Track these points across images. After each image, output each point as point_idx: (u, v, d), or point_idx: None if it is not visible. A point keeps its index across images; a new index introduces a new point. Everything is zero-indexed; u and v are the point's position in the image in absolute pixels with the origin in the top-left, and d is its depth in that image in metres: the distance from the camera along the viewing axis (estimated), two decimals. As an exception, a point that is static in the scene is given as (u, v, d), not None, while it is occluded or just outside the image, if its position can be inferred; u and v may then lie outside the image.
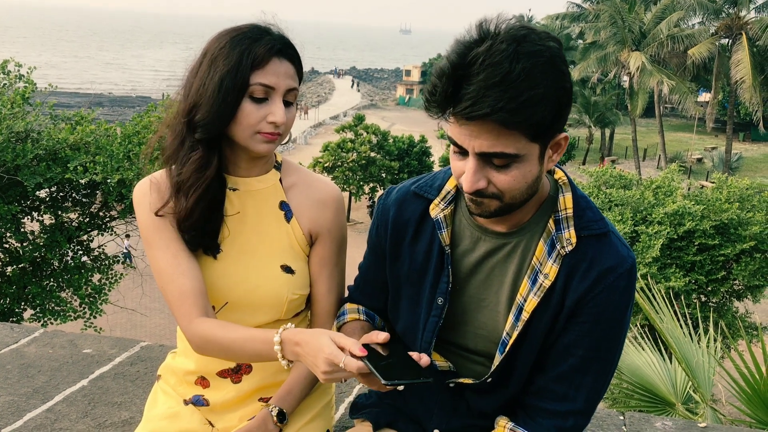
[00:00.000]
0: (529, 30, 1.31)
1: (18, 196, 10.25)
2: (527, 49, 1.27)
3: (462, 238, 1.58)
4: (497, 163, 1.35)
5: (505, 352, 1.52)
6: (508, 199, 1.40)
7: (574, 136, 42.66)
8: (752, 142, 52.45)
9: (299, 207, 1.80)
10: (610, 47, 37.45)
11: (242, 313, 1.75)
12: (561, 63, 1.32)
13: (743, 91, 34.22)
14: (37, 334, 2.97)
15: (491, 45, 1.27)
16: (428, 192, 1.62)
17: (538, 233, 1.52)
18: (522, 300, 1.50)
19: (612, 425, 2.41)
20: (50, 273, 11.21)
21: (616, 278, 1.46)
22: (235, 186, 1.76)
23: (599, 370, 1.52)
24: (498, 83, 1.25)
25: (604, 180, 15.59)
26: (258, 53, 1.59)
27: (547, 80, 1.28)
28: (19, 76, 11.02)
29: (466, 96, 1.27)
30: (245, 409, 1.82)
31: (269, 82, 1.60)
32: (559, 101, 1.31)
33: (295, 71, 1.66)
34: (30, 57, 15.41)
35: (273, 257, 1.76)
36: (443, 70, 1.30)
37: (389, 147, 32.04)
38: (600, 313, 1.47)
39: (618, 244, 1.49)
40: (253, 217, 1.77)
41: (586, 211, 1.50)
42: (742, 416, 3.45)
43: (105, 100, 58.29)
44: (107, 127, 10.72)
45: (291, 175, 1.84)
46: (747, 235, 13.50)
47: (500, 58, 1.25)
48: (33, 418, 2.31)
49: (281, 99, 1.63)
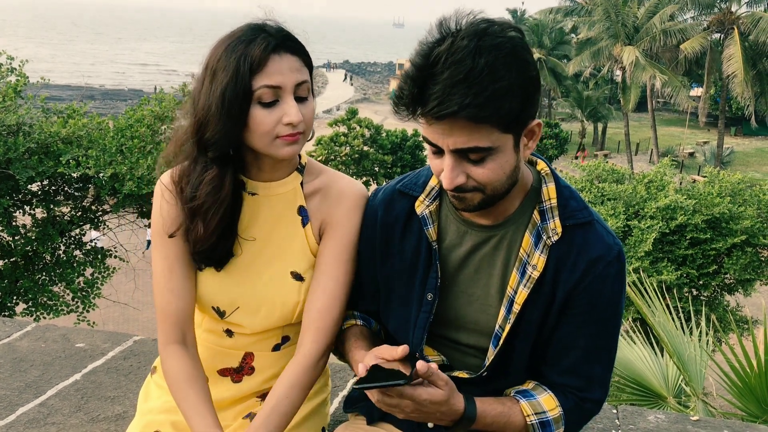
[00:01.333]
0: (489, 23, 1.33)
1: (9, 189, 10.19)
2: (488, 42, 1.29)
3: (448, 233, 1.60)
4: (473, 157, 1.37)
5: (499, 345, 1.53)
6: (490, 191, 1.42)
7: (567, 130, 42.64)
8: (744, 137, 52.60)
9: (317, 210, 1.73)
10: (603, 42, 37.49)
11: (252, 318, 1.73)
12: (524, 52, 1.34)
13: (735, 86, 34.32)
14: (29, 328, 2.96)
15: (452, 42, 1.29)
16: (413, 189, 1.64)
17: (523, 224, 1.53)
18: (512, 292, 1.51)
19: (605, 418, 2.42)
20: (42, 267, 11.16)
21: (606, 266, 1.47)
22: (254, 191, 1.70)
23: (604, 358, 1.56)
24: (462, 80, 1.27)
25: (597, 174, 15.61)
26: (254, 55, 1.50)
27: (511, 72, 1.29)
28: (10, 69, 10.94)
29: (433, 96, 1.29)
30: (242, 405, 1.81)
31: (274, 82, 1.51)
32: (526, 90, 1.33)
33: (301, 63, 1.57)
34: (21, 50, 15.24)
35: (284, 264, 1.71)
36: (408, 73, 1.32)
37: (382, 141, 31.98)
38: (594, 302, 1.49)
39: (603, 233, 1.51)
40: (268, 223, 1.71)
41: (570, 201, 1.52)
42: (733, 409, 3.47)
43: (97, 94, 57.91)
44: (99, 121, 10.66)
45: (315, 179, 1.76)
46: (738, 229, 13.56)
47: (462, 55, 1.27)
48: (26, 413, 2.31)
49: (292, 96, 1.54)
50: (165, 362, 1.67)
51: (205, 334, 1.81)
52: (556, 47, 51.02)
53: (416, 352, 1.62)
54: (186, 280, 1.69)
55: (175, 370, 1.64)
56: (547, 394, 1.54)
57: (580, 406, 1.55)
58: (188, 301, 1.69)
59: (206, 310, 1.76)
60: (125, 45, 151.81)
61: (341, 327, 1.73)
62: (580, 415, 1.57)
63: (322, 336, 1.68)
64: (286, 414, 1.61)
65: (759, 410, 3.24)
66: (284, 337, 1.79)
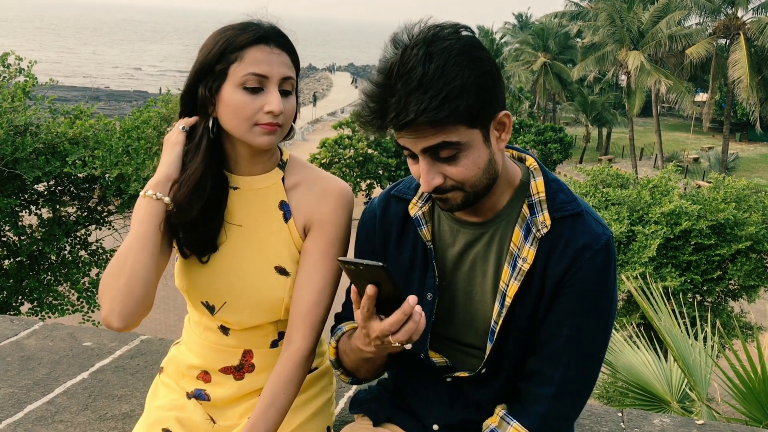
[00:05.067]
0: (438, 28, 1.36)
1: (16, 189, 10.23)
2: (438, 47, 1.33)
3: (442, 233, 1.62)
4: (444, 155, 1.39)
5: (494, 340, 1.54)
6: (470, 188, 1.44)
7: (571, 135, 42.62)
8: (749, 142, 52.50)
9: (299, 206, 1.75)
10: (608, 46, 37.47)
11: (241, 314, 1.74)
12: (475, 50, 1.36)
13: (740, 91, 34.27)
14: (36, 326, 2.98)
15: (403, 53, 1.33)
16: (406, 194, 1.66)
17: (513, 220, 1.54)
18: (505, 286, 1.52)
19: (611, 422, 2.43)
20: (48, 267, 11.20)
21: (593, 255, 1.47)
22: (236, 185, 1.73)
23: (584, 352, 1.52)
24: (416, 88, 1.30)
25: (601, 179, 15.61)
26: (239, 41, 1.57)
27: (463, 71, 1.32)
28: (19, 70, 11.00)
29: (391, 107, 1.33)
30: (247, 403, 1.82)
31: (260, 70, 1.56)
32: (483, 86, 1.35)
33: (290, 61, 1.62)
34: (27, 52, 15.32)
35: (268, 258, 1.73)
36: (367, 91, 1.37)
37: (386, 144, 32.00)
38: (580, 291, 1.48)
39: (593, 222, 1.51)
40: (251, 217, 1.74)
41: (558, 194, 1.53)
42: (738, 414, 3.47)
43: (102, 95, 58.10)
44: (106, 122, 10.71)
45: (296, 174, 1.78)
46: (743, 235, 13.55)
47: (413, 64, 1.31)
48: (33, 410, 2.32)
49: (276, 87, 1.58)
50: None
51: (205, 333, 1.82)
52: (561, 51, 51.00)
53: (421, 353, 1.63)
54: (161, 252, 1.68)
55: None
56: (511, 427, 1.54)
57: (552, 413, 1.53)
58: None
59: (197, 305, 1.78)
60: (131, 47, 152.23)
61: (342, 331, 1.72)
62: (557, 423, 1.55)
63: (311, 331, 1.69)
64: (282, 409, 1.64)
65: (763, 415, 3.24)
66: (280, 333, 1.80)
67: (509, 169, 1.54)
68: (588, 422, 2.41)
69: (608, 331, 1.56)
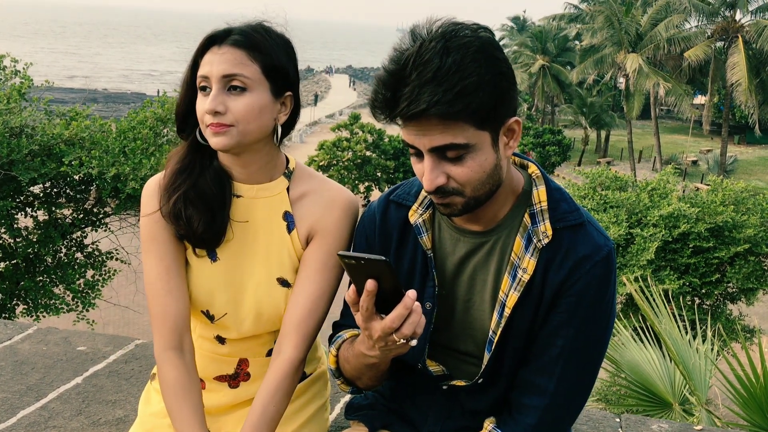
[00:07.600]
0: (459, 25, 1.34)
1: (12, 191, 10.20)
2: (456, 42, 1.30)
3: (443, 241, 1.58)
4: (451, 156, 1.36)
5: (492, 350, 1.52)
6: (470, 193, 1.41)
7: (570, 137, 42.64)
8: (747, 145, 52.55)
9: (303, 216, 1.71)
10: (606, 49, 37.52)
11: (241, 324, 1.73)
12: (493, 50, 1.34)
13: (739, 94, 34.35)
14: (30, 331, 2.95)
15: (421, 45, 1.31)
16: (406, 200, 1.63)
17: (515, 229, 1.51)
18: (504, 296, 1.50)
19: (608, 427, 2.41)
20: (43, 269, 11.17)
21: (593, 266, 1.45)
22: (239, 193, 1.70)
23: (579, 363, 1.50)
24: (431, 79, 1.28)
25: (600, 181, 15.60)
26: (197, 49, 1.60)
27: (480, 68, 1.30)
28: (15, 71, 10.97)
29: (404, 97, 1.30)
30: (241, 412, 1.80)
31: (203, 71, 1.58)
32: (498, 86, 1.33)
33: (246, 57, 1.57)
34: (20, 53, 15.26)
35: (270, 269, 1.71)
36: (380, 78, 1.35)
37: (385, 146, 32.03)
38: (578, 302, 1.46)
39: (594, 233, 1.49)
40: (254, 227, 1.71)
41: (561, 203, 1.50)
42: (737, 419, 3.45)
43: (99, 96, 58.00)
44: (102, 123, 10.68)
45: (302, 184, 1.74)
46: (741, 237, 13.55)
47: (430, 56, 1.29)
48: (26, 416, 2.30)
49: (218, 86, 1.56)
50: (161, 369, 1.65)
51: (200, 341, 1.80)
52: (559, 54, 51.06)
53: (418, 363, 1.60)
54: (182, 281, 1.69)
55: (170, 378, 1.63)
56: None
57: (543, 425, 1.51)
58: (186, 304, 1.69)
59: (197, 314, 1.76)
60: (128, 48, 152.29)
61: (343, 338, 1.68)
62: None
63: (302, 341, 1.67)
64: (273, 419, 1.62)
65: (763, 421, 3.22)
66: None
67: (513, 177, 1.52)
68: (585, 427, 2.39)
69: (604, 343, 1.54)
